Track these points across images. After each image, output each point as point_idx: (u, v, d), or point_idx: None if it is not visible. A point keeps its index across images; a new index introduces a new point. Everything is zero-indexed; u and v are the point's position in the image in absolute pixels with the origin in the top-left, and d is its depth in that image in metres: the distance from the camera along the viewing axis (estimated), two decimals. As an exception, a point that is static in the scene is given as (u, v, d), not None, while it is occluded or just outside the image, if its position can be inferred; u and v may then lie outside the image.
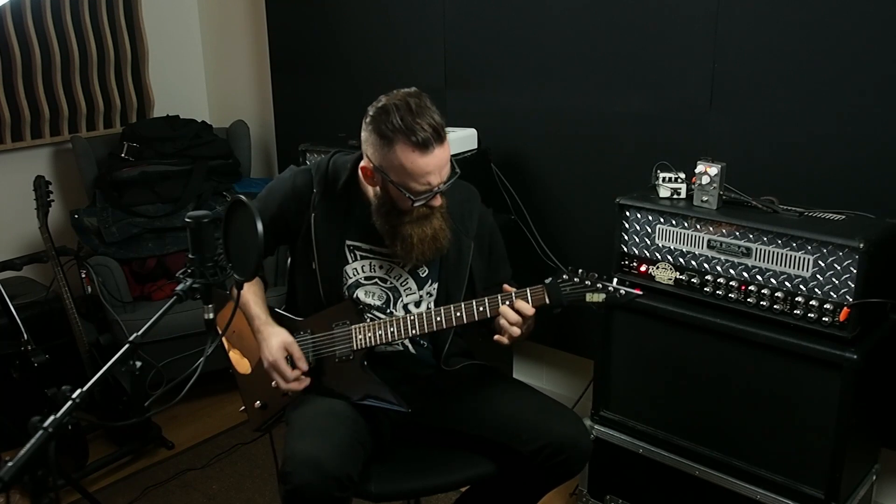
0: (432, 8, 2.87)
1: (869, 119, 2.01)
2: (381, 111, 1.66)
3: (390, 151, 1.64)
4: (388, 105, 1.65)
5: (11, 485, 1.09)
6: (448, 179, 1.70)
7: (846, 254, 1.77)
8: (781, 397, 1.91)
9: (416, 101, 1.65)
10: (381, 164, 1.67)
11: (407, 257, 1.76)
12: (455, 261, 1.86)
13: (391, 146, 1.64)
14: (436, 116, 1.65)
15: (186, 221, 1.35)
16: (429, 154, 1.63)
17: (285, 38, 3.47)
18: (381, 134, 1.65)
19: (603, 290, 1.71)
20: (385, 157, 1.66)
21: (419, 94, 1.68)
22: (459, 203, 1.87)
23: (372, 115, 1.68)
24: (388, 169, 1.67)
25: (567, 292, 1.72)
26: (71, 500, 2.40)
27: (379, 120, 1.65)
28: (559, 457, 1.71)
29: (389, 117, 1.63)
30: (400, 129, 1.62)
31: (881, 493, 2.24)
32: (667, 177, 2.10)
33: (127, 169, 3.20)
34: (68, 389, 1.20)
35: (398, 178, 1.66)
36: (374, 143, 1.67)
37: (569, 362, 2.92)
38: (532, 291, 1.72)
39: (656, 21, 2.34)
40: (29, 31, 3.24)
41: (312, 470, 1.55)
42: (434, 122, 1.64)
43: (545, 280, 1.73)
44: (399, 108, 1.63)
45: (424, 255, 1.75)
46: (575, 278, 1.72)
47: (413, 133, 1.61)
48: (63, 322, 2.78)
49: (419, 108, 1.64)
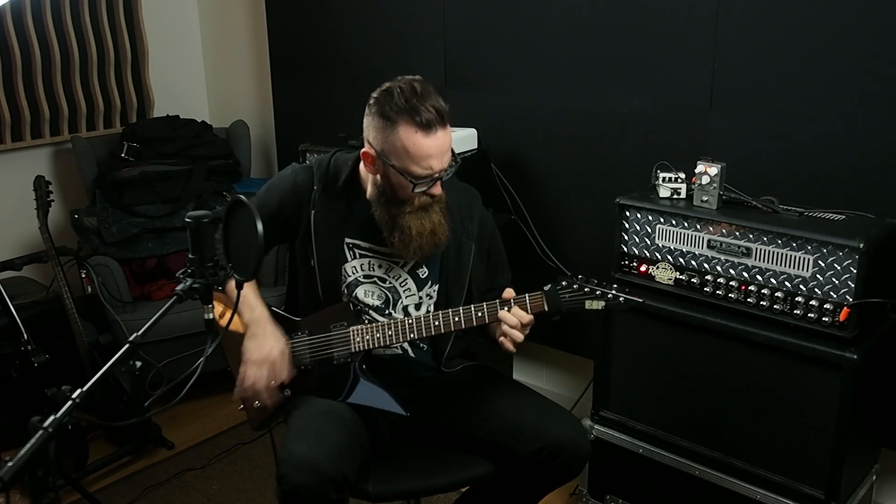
0: (432, 8, 2.87)
1: (869, 119, 2.01)
2: (385, 93, 1.66)
3: (393, 132, 1.64)
4: (392, 87, 1.66)
5: (11, 485, 1.08)
6: (449, 167, 1.70)
7: (846, 254, 1.77)
8: (781, 397, 1.91)
9: (420, 85, 1.65)
10: (383, 147, 1.66)
11: (405, 250, 1.74)
12: (455, 263, 1.86)
13: (394, 127, 1.63)
14: (440, 101, 1.65)
15: (186, 221, 1.35)
16: (431, 135, 1.63)
17: (285, 38, 3.47)
18: (383, 115, 1.64)
19: (602, 298, 1.69)
20: (387, 139, 1.65)
21: (424, 81, 1.68)
22: (460, 205, 1.87)
23: (375, 97, 1.68)
24: (389, 153, 1.66)
25: (566, 299, 1.70)
26: (71, 500, 2.40)
27: (382, 102, 1.65)
28: (558, 458, 1.70)
29: (393, 99, 1.63)
30: (403, 109, 1.62)
31: (881, 493, 2.24)
32: (667, 177, 2.10)
33: (127, 169, 3.20)
34: (68, 389, 1.20)
35: (399, 162, 1.65)
36: (376, 125, 1.67)
37: (569, 362, 2.92)
38: (531, 298, 1.71)
39: (656, 21, 2.34)
40: (29, 31, 3.24)
41: (308, 471, 1.55)
42: (438, 105, 1.64)
43: (544, 287, 1.71)
44: (403, 90, 1.63)
45: (422, 249, 1.74)
46: (574, 285, 1.70)
47: (417, 113, 1.61)
48: (63, 322, 2.78)
49: (424, 91, 1.64)
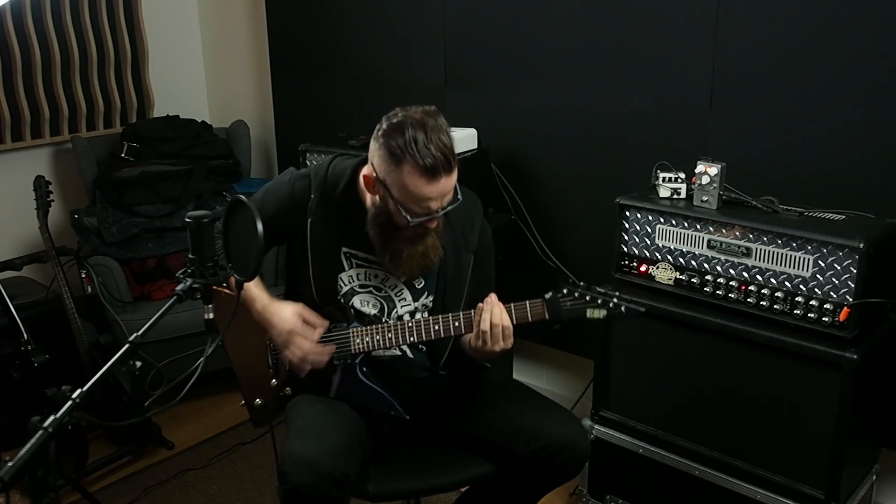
0: (432, 8, 2.87)
1: (869, 119, 2.01)
2: (395, 127, 1.61)
3: (397, 170, 1.61)
4: (403, 122, 1.61)
5: (11, 485, 1.08)
6: (448, 206, 1.68)
7: (846, 254, 1.77)
8: (781, 397, 1.91)
9: (432, 121, 1.61)
10: (386, 178, 1.64)
11: (395, 270, 1.76)
12: (454, 274, 1.84)
13: (399, 166, 1.60)
14: (448, 141, 1.62)
15: (186, 221, 1.35)
16: (434, 182, 1.60)
17: (285, 38, 3.47)
18: (390, 150, 1.60)
19: (604, 307, 1.67)
20: (390, 173, 1.62)
21: (436, 114, 1.64)
22: (461, 215, 1.83)
23: (385, 128, 1.64)
24: (391, 185, 1.64)
25: (567, 307, 1.68)
26: (71, 500, 2.40)
27: (391, 136, 1.61)
28: (557, 459, 1.70)
29: (403, 136, 1.59)
30: (410, 152, 1.58)
31: (881, 493, 2.24)
32: (667, 177, 2.10)
33: (127, 169, 3.20)
34: (68, 389, 1.20)
35: (399, 196, 1.63)
36: (382, 156, 1.63)
37: (569, 362, 2.92)
38: (531, 305, 1.70)
39: (656, 21, 2.34)
40: (29, 31, 3.24)
41: (309, 470, 1.55)
42: (446, 147, 1.60)
43: (545, 294, 1.69)
44: (413, 126, 1.59)
45: (412, 271, 1.75)
46: (576, 293, 1.68)
47: (422, 158, 1.57)
48: (63, 322, 2.77)
49: (433, 129, 1.60)
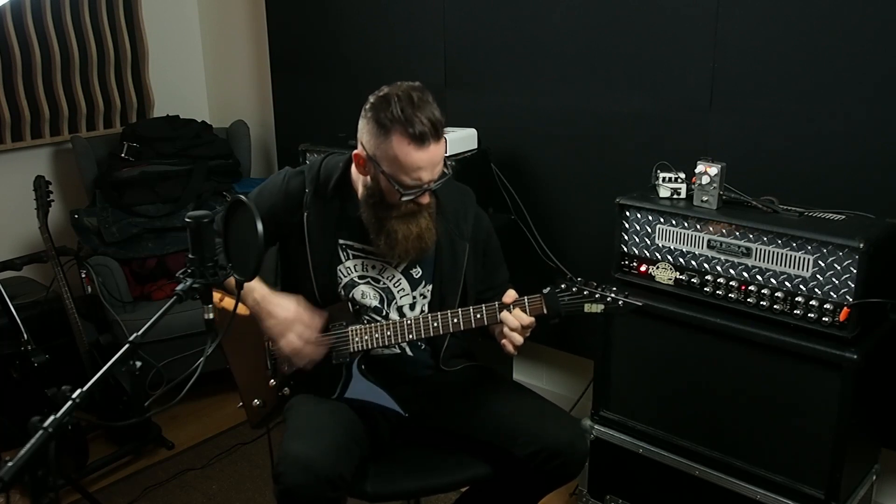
0: (432, 8, 2.87)
1: (869, 119, 2.01)
2: (382, 100, 1.66)
3: (385, 141, 1.64)
4: (389, 95, 1.65)
5: (11, 485, 1.08)
6: (439, 179, 1.70)
7: (846, 254, 1.77)
8: (781, 397, 1.91)
9: (418, 94, 1.65)
10: (375, 153, 1.67)
11: (390, 253, 1.75)
12: (450, 263, 1.85)
13: (387, 136, 1.63)
14: (436, 112, 1.65)
15: (186, 221, 1.35)
16: (424, 149, 1.63)
17: (285, 38, 3.47)
18: (378, 122, 1.64)
19: (601, 301, 1.68)
20: (380, 146, 1.65)
21: (422, 89, 1.68)
22: (454, 205, 1.86)
23: (372, 102, 1.68)
24: (381, 159, 1.66)
25: (565, 302, 1.70)
26: (71, 500, 2.40)
27: (378, 108, 1.65)
28: (555, 461, 1.70)
29: (389, 107, 1.63)
30: (398, 120, 1.61)
31: (881, 493, 2.24)
32: (667, 177, 2.10)
33: (127, 169, 3.20)
34: (68, 389, 1.20)
35: (390, 170, 1.66)
36: (370, 130, 1.67)
37: (569, 362, 2.92)
38: (530, 301, 1.71)
39: (656, 21, 2.34)
40: (29, 31, 3.24)
41: (304, 470, 1.55)
42: (433, 117, 1.64)
43: (543, 290, 1.71)
44: (400, 98, 1.63)
45: (408, 253, 1.75)
46: (573, 287, 1.70)
47: (411, 125, 1.61)
48: (63, 322, 2.78)
49: (420, 101, 1.64)
